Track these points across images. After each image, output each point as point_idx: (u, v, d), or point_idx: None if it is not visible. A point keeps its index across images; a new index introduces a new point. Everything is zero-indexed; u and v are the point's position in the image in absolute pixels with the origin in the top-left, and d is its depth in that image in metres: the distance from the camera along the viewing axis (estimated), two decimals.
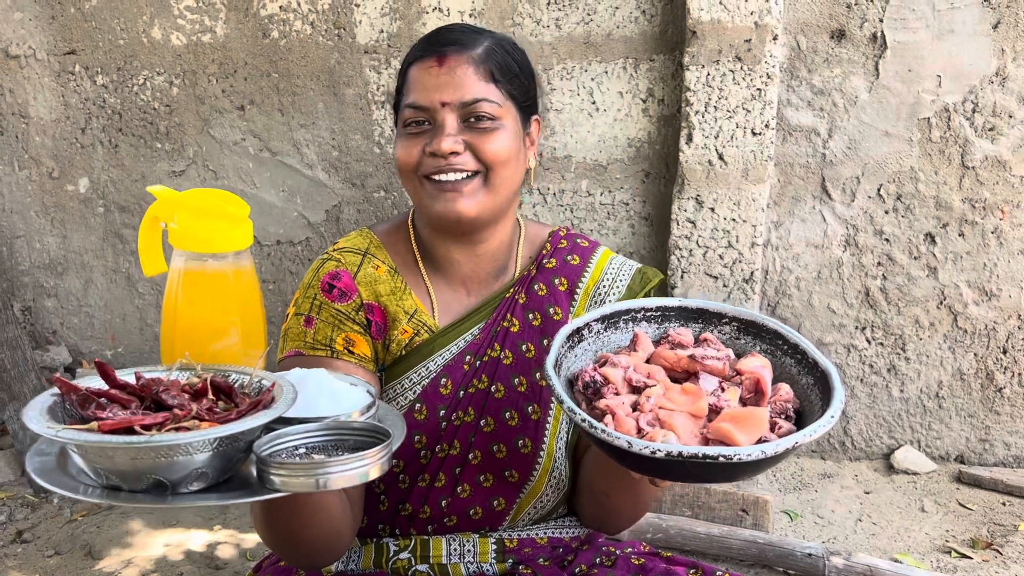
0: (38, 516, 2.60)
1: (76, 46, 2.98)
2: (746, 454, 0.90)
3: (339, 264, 1.35)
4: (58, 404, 0.96)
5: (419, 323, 1.35)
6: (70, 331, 3.23)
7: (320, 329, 1.31)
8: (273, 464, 0.90)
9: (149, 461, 0.87)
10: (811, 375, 1.07)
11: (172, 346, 1.10)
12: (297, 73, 2.86)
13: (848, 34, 2.59)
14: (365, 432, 0.99)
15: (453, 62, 1.26)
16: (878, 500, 2.62)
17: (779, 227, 2.74)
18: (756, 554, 2.27)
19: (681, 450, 0.90)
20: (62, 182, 3.10)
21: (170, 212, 1.09)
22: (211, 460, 0.90)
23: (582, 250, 1.44)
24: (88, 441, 0.86)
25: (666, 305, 1.15)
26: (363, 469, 0.90)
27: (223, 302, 1.10)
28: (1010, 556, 2.32)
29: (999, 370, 2.73)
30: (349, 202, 2.94)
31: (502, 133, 1.27)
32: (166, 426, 0.89)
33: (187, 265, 1.09)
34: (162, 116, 2.98)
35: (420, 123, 1.27)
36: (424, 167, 1.27)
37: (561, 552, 1.38)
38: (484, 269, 1.39)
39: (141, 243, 1.15)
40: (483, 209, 1.28)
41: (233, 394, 0.99)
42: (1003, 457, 2.80)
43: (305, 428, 0.98)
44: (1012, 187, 2.62)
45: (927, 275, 2.71)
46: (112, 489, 0.90)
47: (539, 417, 1.34)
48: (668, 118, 2.70)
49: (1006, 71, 2.55)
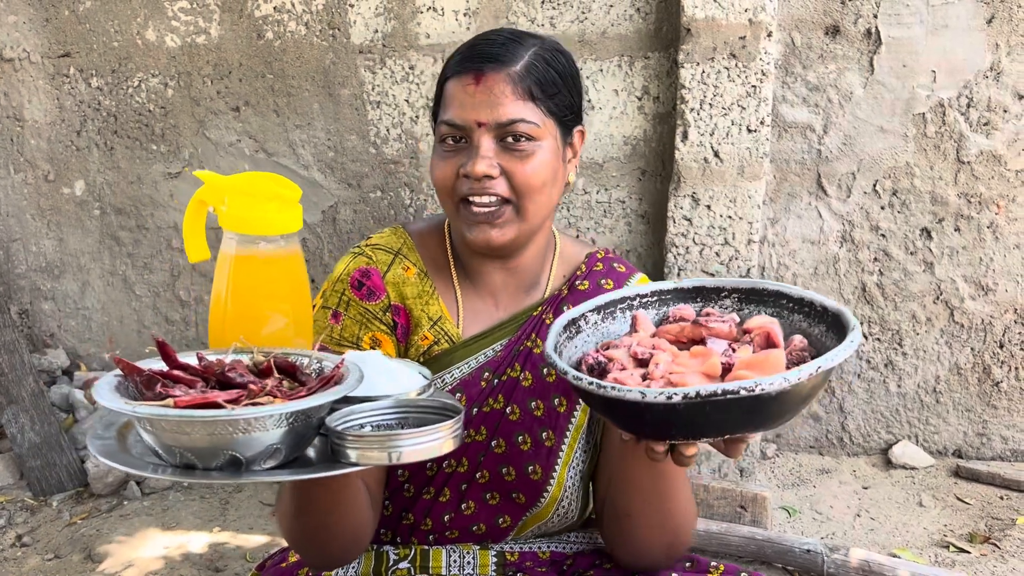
0: (37, 519, 2.60)
1: (70, 48, 2.97)
2: (768, 383, 0.85)
3: (370, 262, 1.33)
4: (122, 385, 0.95)
5: (441, 331, 1.33)
6: (67, 334, 3.23)
7: (347, 326, 1.30)
8: (349, 436, 0.91)
9: (227, 436, 0.87)
10: (823, 322, 1.04)
11: (223, 330, 1.08)
12: (292, 74, 2.86)
13: (842, 30, 2.59)
14: (430, 409, 1.00)
15: (491, 80, 1.22)
16: (876, 495, 2.62)
17: (775, 224, 2.74)
18: (755, 550, 2.28)
19: (698, 390, 0.84)
20: (58, 185, 3.10)
21: (219, 196, 1.08)
22: (285, 436, 0.91)
23: (617, 275, 1.40)
24: (169, 416, 0.85)
25: (661, 288, 1.13)
26: (437, 443, 0.91)
27: (275, 286, 1.09)
28: (1008, 550, 2.32)
29: (996, 364, 2.74)
30: (345, 203, 2.94)
31: (539, 155, 1.23)
32: (241, 402, 0.89)
33: (239, 248, 1.07)
34: (157, 118, 2.98)
35: (456, 140, 1.24)
36: (459, 189, 1.24)
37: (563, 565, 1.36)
38: (515, 283, 1.36)
39: (186, 228, 1.13)
40: (516, 236, 1.26)
41: (298, 373, 0.99)
42: (1000, 451, 2.80)
43: (371, 406, 0.99)
44: (1007, 181, 2.62)
45: (923, 270, 2.72)
46: (186, 467, 0.90)
47: (553, 444, 1.31)
48: (664, 116, 2.70)
49: (1000, 66, 2.55)
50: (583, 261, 1.42)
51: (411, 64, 2.79)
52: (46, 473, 2.72)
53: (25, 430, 2.74)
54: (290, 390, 0.95)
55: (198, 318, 3.13)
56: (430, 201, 2.89)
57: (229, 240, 1.08)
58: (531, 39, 1.28)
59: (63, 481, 2.73)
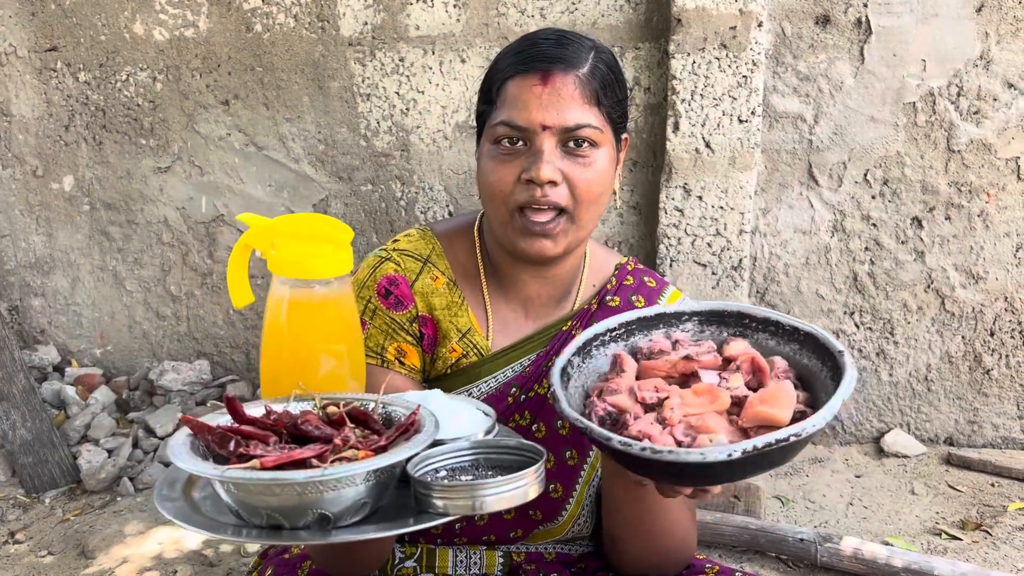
0: (30, 516, 2.60)
1: (57, 42, 2.95)
2: (812, 426, 0.88)
3: (398, 269, 1.29)
4: (194, 444, 0.92)
5: (470, 344, 1.29)
6: (58, 330, 3.21)
7: (372, 335, 1.27)
8: (436, 488, 0.89)
9: (316, 495, 0.85)
10: (794, 341, 1.06)
11: (277, 376, 1.06)
12: (281, 67, 2.85)
13: (833, 19, 2.59)
14: (505, 449, 0.99)
15: (559, 82, 1.16)
16: (869, 484, 2.64)
17: (767, 214, 2.75)
18: (748, 540, 2.29)
19: (755, 443, 0.87)
20: (46, 180, 3.08)
21: (267, 240, 1.05)
22: (371, 490, 0.89)
23: (648, 291, 1.37)
24: (261, 479, 0.82)
25: (627, 320, 1.13)
26: (522, 490, 0.90)
27: (331, 329, 1.07)
28: (999, 537, 2.34)
29: (987, 352, 2.75)
30: (336, 196, 2.93)
31: (600, 163, 1.20)
32: (327, 458, 0.87)
33: (293, 293, 1.05)
34: (146, 112, 2.96)
35: (513, 142, 1.19)
36: (517, 196, 1.19)
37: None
38: (548, 292, 1.33)
39: (231, 274, 1.11)
40: (568, 246, 1.23)
41: (370, 421, 0.97)
42: (992, 439, 2.82)
43: (446, 449, 0.97)
44: (997, 170, 2.63)
45: (914, 259, 2.72)
46: (272, 528, 0.87)
47: (576, 463, 1.29)
48: (655, 106, 2.69)
49: (990, 54, 2.55)
50: (613, 274, 1.38)
51: (401, 56, 2.77)
52: (38, 470, 2.71)
53: (16, 427, 2.73)
54: (364, 438, 0.93)
55: (189, 313, 3.12)
56: (421, 194, 2.88)
57: (281, 285, 1.06)
58: (586, 40, 1.23)
59: (55, 478, 2.72)
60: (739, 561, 2.29)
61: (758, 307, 1.10)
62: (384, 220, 2.93)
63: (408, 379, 1.27)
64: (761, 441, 0.87)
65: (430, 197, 2.88)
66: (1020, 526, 2.38)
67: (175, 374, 3.03)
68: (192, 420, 0.92)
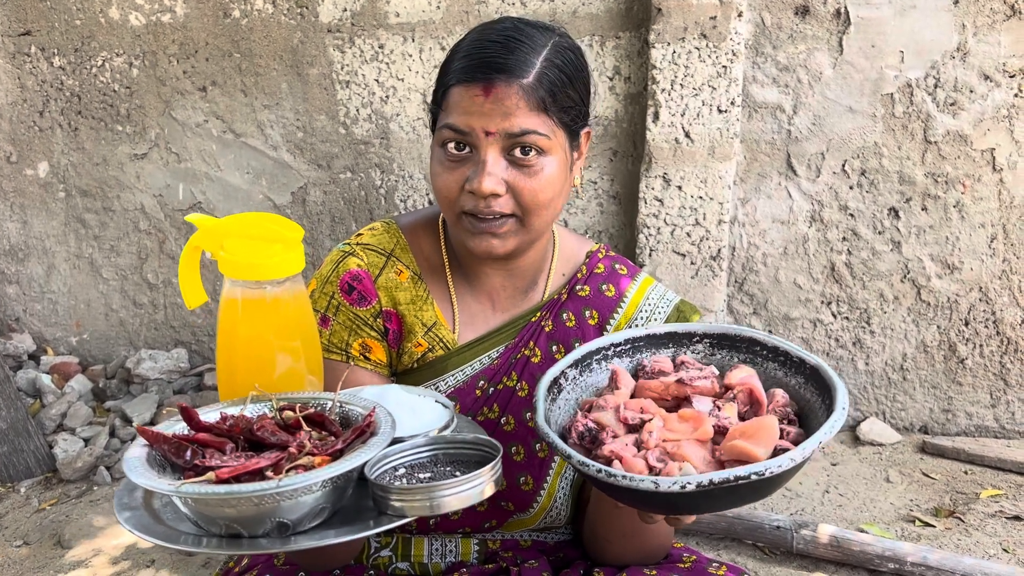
0: (5, 506, 2.57)
1: (31, 27, 2.91)
2: (776, 466, 0.85)
3: (361, 264, 1.28)
4: (151, 456, 0.91)
5: (435, 337, 1.29)
6: (33, 318, 3.18)
7: (336, 332, 1.26)
8: (393, 491, 0.89)
9: (273, 504, 0.85)
10: (800, 374, 1.04)
11: (232, 378, 1.05)
12: (259, 53, 2.82)
13: (812, 10, 2.60)
14: (462, 444, 0.99)
15: (501, 92, 1.13)
16: (844, 472, 2.66)
17: (745, 204, 2.76)
18: (725, 528, 2.31)
19: (711, 478, 0.85)
20: (20, 166, 3.04)
21: (215, 241, 1.04)
22: (329, 495, 0.89)
23: (619, 279, 1.35)
24: (216, 493, 0.82)
25: (634, 336, 1.12)
26: (478, 488, 0.90)
27: (285, 328, 1.06)
28: (972, 523, 2.37)
29: (961, 342, 2.78)
30: (315, 184, 2.92)
31: (547, 170, 1.17)
32: (282, 466, 0.86)
33: (245, 294, 1.04)
34: (122, 98, 2.93)
35: (460, 147, 1.17)
36: (463, 203, 1.17)
37: None
38: (514, 284, 1.32)
39: (182, 275, 1.09)
40: (519, 245, 1.22)
41: (327, 423, 0.97)
42: (965, 427, 2.85)
43: (403, 447, 0.97)
44: (973, 161, 2.65)
45: (891, 249, 2.74)
46: (232, 537, 0.88)
47: (545, 456, 1.29)
48: (635, 96, 2.69)
49: (967, 46, 2.57)
50: (583, 262, 1.37)
51: (380, 43, 2.76)
52: (13, 459, 2.69)
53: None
54: (321, 441, 0.93)
55: (166, 301, 3.10)
56: (400, 182, 2.87)
57: (233, 287, 1.04)
58: (540, 36, 1.19)
59: (31, 467, 2.70)
60: (716, 548, 2.31)
61: (769, 335, 1.08)
62: (363, 208, 2.92)
63: (374, 374, 1.27)
64: (718, 476, 0.85)
65: (410, 185, 2.87)
66: (992, 513, 2.41)
67: (152, 362, 3.01)
68: (147, 431, 0.91)
